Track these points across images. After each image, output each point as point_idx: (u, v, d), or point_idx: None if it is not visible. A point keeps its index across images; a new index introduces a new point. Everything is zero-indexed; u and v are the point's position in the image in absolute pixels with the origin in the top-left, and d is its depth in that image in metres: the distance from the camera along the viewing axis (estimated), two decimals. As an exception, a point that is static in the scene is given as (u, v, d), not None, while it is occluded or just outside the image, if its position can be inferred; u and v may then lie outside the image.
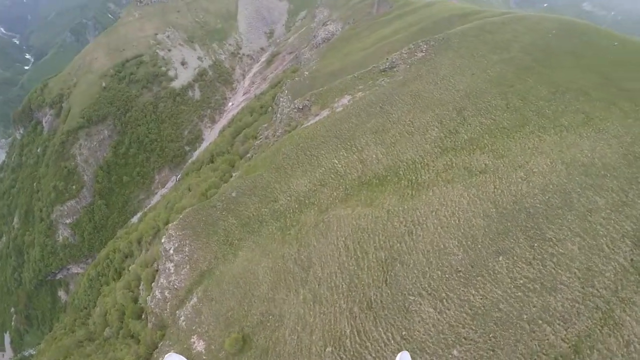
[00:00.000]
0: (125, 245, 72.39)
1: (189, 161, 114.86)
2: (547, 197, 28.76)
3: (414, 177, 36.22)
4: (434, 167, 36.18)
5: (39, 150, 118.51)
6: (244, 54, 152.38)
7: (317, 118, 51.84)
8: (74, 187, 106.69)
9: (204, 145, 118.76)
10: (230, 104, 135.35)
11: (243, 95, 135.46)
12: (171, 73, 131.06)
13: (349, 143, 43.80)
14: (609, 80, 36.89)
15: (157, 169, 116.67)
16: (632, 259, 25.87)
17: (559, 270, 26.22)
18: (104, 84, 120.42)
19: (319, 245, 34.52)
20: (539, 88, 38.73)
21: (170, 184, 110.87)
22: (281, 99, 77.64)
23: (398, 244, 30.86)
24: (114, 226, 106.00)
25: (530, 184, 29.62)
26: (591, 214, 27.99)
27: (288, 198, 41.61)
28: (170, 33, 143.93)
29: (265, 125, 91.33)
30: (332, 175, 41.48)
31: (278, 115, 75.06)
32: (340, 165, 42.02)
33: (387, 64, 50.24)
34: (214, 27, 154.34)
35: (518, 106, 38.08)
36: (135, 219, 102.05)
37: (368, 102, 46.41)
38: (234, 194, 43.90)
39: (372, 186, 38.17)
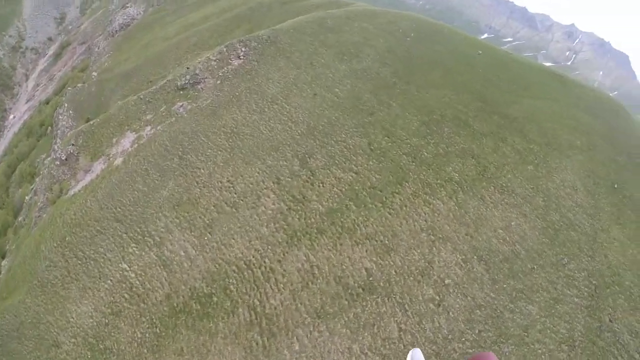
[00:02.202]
0: None
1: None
2: (477, 332, 16.91)
3: (257, 302, 20.30)
4: (284, 275, 20.85)
5: None
6: (27, 48, 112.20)
7: (88, 178, 30.46)
8: None
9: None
10: (11, 116, 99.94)
11: (26, 102, 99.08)
12: None
13: (138, 229, 25.00)
14: (487, 104, 27.67)
15: None
16: (568, 366, 17.99)
17: None
18: None
19: None
20: (408, 117, 27.10)
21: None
22: (60, 117, 54.86)
23: None
24: None
25: (451, 313, 17.14)
26: (527, 333, 18.23)
27: (73, 340, 22.92)
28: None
29: (44, 156, 65.50)
30: (126, 295, 23.13)
31: (58, 140, 51.60)
32: (133, 275, 23.57)
33: (188, 76, 31.98)
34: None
35: (385, 148, 25.69)
36: None
37: (160, 149, 27.72)
38: (-6, 341, 24.47)
39: (192, 318, 21.06)
